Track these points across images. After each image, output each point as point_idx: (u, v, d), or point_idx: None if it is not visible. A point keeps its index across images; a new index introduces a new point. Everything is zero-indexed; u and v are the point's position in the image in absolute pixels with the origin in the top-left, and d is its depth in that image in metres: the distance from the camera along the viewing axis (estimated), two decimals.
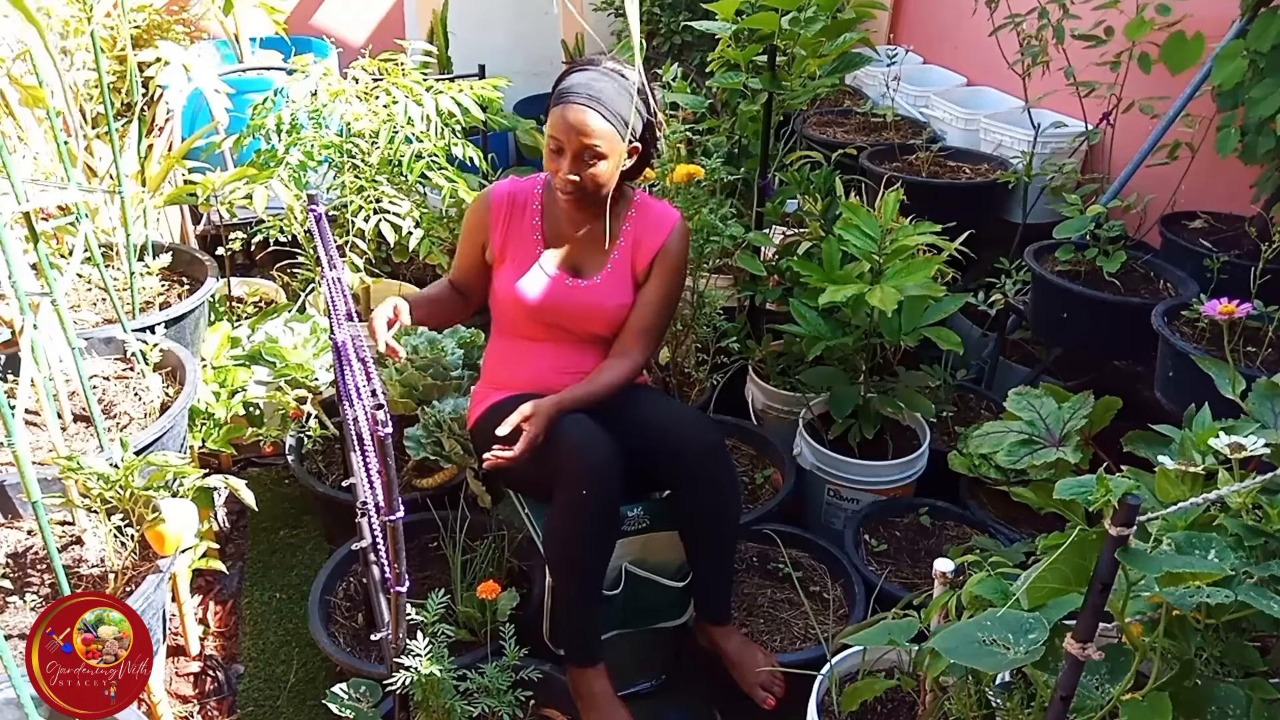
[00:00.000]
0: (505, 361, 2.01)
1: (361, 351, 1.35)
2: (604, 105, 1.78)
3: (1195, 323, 2.14)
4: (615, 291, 1.95)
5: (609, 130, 1.79)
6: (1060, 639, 1.03)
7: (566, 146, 1.80)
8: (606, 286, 1.94)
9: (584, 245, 1.96)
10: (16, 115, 2.42)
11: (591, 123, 1.78)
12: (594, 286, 1.94)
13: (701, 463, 1.84)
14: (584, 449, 1.74)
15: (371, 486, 1.38)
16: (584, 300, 1.93)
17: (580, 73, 1.82)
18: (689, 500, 1.87)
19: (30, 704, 1.38)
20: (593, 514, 1.75)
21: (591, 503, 1.73)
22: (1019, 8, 2.70)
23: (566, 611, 1.85)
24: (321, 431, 2.45)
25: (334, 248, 1.68)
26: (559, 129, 1.80)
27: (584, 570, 1.80)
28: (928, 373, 2.48)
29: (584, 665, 1.82)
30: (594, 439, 1.76)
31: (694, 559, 1.93)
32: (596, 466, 1.73)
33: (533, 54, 4.66)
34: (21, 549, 1.78)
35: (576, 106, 1.78)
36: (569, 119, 1.78)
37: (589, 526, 1.76)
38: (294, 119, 2.59)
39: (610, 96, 1.79)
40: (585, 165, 1.81)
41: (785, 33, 2.37)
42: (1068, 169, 2.75)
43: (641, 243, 1.95)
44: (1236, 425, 1.32)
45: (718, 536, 1.92)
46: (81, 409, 2.02)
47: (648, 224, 1.96)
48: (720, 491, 1.87)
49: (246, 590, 2.37)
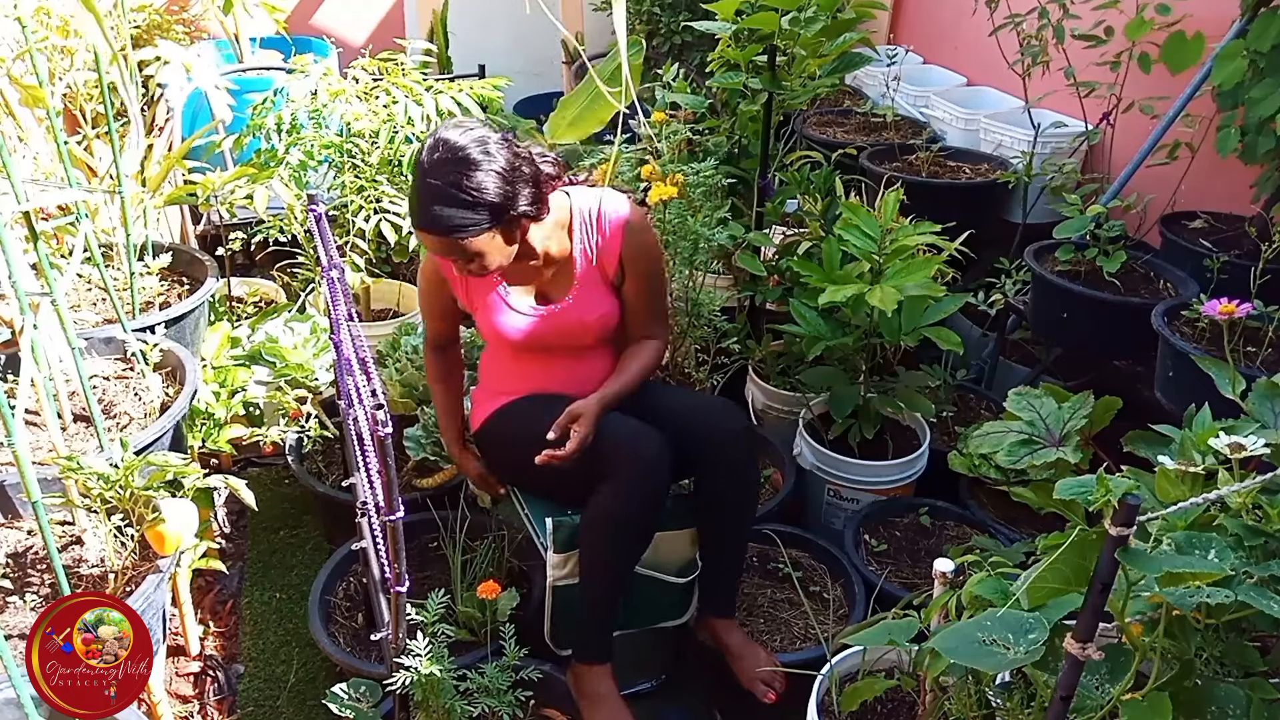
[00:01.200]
0: (507, 374, 2.00)
1: (361, 351, 1.35)
2: (442, 222, 1.64)
3: (1195, 323, 2.14)
4: (592, 305, 1.92)
5: (462, 239, 1.66)
6: (1060, 639, 1.03)
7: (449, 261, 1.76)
8: (581, 303, 1.91)
9: (542, 273, 1.92)
10: (16, 115, 2.43)
11: (438, 244, 1.69)
12: (569, 307, 1.91)
13: (727, 448, 1.85)
14: (635, 444, 1.75)
15: (371, 486, 1.38)
16: (564, 322, 1.91)
17: (416, 187, 1.67)
18: (711, 487, 1.89)
19: (30, 704, 1.38)
20: (644, 508, 1.77)
21: (645, 497, 1.75)
22: (1019, 8, 2.70)
23: (590, 606, 1.85)
24: (321, 431, 2.45)
25: (334, 248, 1.68)
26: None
27: (622, 566, 1.82)
28: (928, 373, 2.48)
29: (592, 663, 1.83)
30: (643, 434, 1.78)
31: (708, 549, 1.94)
32: (650, 460, 1.74)
33: (533, 54, 4.67)
34: (21, 549, 1.78)
35: (420, 233, 1.70)
36: (427, 245, 1.74)
37: (640, 520, 1.78)
38: (294, 119, 2.59)
39: (446, 201, 1.63)
40: (469, 264, 1.73)
41: (785, 33, 2.37)
42: (1068, 169, 2.75)
43: (601, 251, 1.91)
44: (1236, 425, 1.32)
45: (736, 526, 1.93)
46: (81, 409, 2.02)
47: (600, 230, 1.90)
48: (744, 479, 1.89)
49: (246, 590, 2.37)
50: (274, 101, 2.60)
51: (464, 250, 1.68)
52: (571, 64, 4.49)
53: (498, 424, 1.96)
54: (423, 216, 1.66)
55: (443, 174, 1.63)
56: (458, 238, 1.66)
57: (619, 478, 1.74)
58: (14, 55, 2.32)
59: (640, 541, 1.83)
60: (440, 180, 1.63)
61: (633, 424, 1.80)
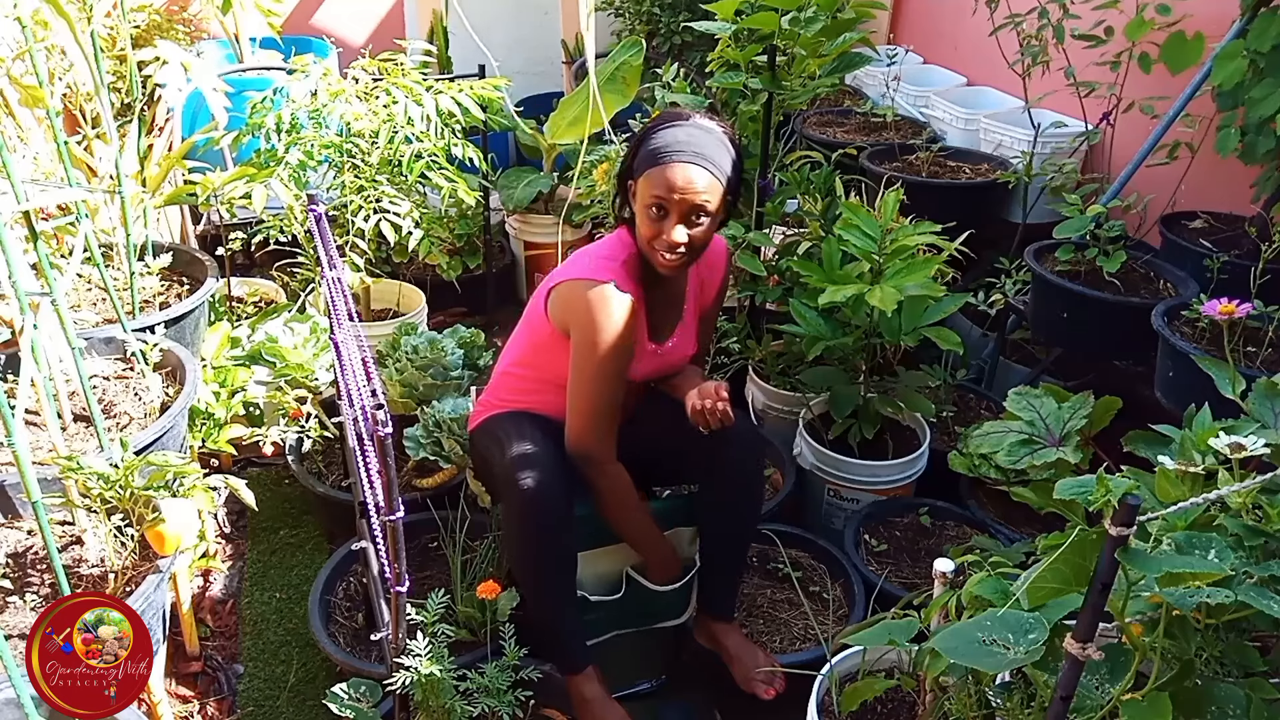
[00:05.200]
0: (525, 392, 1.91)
1: (362, 351, 1.35)
2: (709, 160, 1.68)
3: (1195, 323, 2.14)
4: (690, 341, 1.92)
5: (717, 185, 1.69)
6: (1060, 639, 1.03)
7: (673, 208, 1.68)
8: (682, 341, 1.91)
9: (661, 306, 1.87)
10: (16, 115, 2.42)
11: (700, 181, 1.67)
12: (674, 347, 1.90)
13: (744, 456, 1.84)
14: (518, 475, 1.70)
15: (371, 486, 1.38)
16: (667, 361, 1.90)
17: (673, 129, 1.70)
18: (717, 491, 1.88)
19: (30, 704, 1.38)
20: (538, 532, 1.73)
21: (534, 523, 1.72)
22: (1019, 8, 2.70)
23: (544, 624, 1.83)
24: (321, 431, 2.45)
25: (334, 248, 1.68)
26: (665, 189, 1.67)
27: (548, 585, 1.79)
28: (928, 373, 2.48)
29: (573, 672, 1.82)
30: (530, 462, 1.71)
31: (709, 552, 1.94)
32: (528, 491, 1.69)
33: (533, 54, 4.66)
34: (21, 549, 1.78)
35: (683, 165, 1.66)
36: (678, 178, 1.66)
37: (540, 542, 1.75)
38: (294, 118, 2.59)
39: (712, 149, 1.69)
40: (693, 226, 1.70)
41: (785, 33, 2.37)
42: (1068, 169, 2.75)
43: (705, 284, 1.92)
44: (1236, 425, 1.32)
45: (739, 530, 1.93)
46: (81, 409, 2.02)
47: (706, 265, 1.89)
48: (750, 484, 1.88)
49: (246, 590, 2.36)
50: (273, 101, 2.60)
51: (712, 198, 1.69)
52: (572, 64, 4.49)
53: (493, 427, 1.96)
54: (699, 153, 1.68)
55: (715, 127, 1.72)
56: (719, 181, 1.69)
57: (508, 508, 1.75)
58: (14, 55, 2.32)
59: (557, 559, 1.77)
60: (716, 132, 1.71)
61: (521, 451, 1.73)
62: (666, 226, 1.69)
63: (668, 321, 1.89)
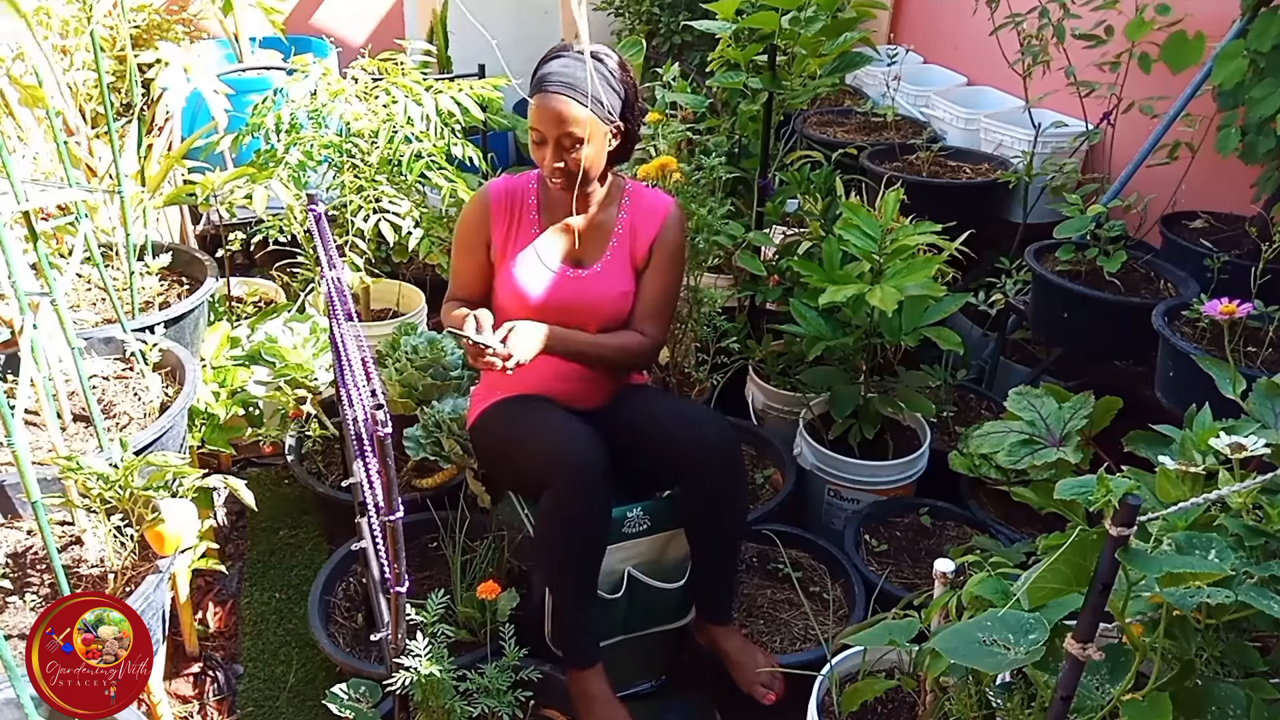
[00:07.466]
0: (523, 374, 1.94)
1: (361, 351, 1.35)
2: (578, 91, 1.77)
3: (1195, 323, 2.14)
4: (616, 279, 1.96)
5: (587, 115, 1.78)
6: (1060, 639, 1.03)
7: (548, 135, 1.80)
8: (608, 275, 1.95)
9: (582, 236, 1.96)
10: (16, 115, 2.42)
11: (569, 110, 1.77)
12: (595, 275, 1.95)
13: (714, 460, 1.84)
14: (569, 452, 1.74)
15: (371, 486, 1.38)
16: (586, 290, 1.94)
17: (554, 60, 1.82)
18: (698, 498, 1.87)
19: (30, 704, 1.38)
20: (580, 516, 1.75)
21: (579, 504, 1.73)
22: (1019, 7, 2.70)
23: (560, 614, 1.84)
24: (321, 431, 2.45)
25: (334, 247, 1.68)
26: (538, 119, 1.80)
27: (577, 573, 1.80)
28: (928, 373, 2.48)
29: (581, 667, 1.82)
30: (578, 439, 1.76)
31: (698, 558, 1.93)
32: (581, 468, 1.72)
33: (533, 54, 4.65)
34: (21, 549, 1.78)
35: (552, 95, 1.78)
36: (547, 108, 1.78)
37: (582, 528, 1.76)
38: (293, 118, 2.59)
39: (584, 81, 1.78)
40: (568, 152, 1.81)
41: (785, 32, 2.37)
42: (1068, 169, 2.75)
43: (638, 230, 1.96)
44: (1237, 425, 1.32)
45: (725, 536, 1.92)
46: (81, 409, 2.02)
47: (642, 211, 1.97)
48: (731, 490, 1.87)
49: (246, 590, 2.36)
50: (273, 101, 2.60)
51: (578, 127, 1.77)
52: None
53: (489, 420, 1.97)
54: (562, 81, 1.77)
55: (603, 67, 1.80)
56: (594, 111, 1.77)
57: (554, 487, 1.74)
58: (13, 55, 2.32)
59: (589, 549, 1.80)
60: (601, 67, 1.80)
61: (570, 429, 1.79)
62: (545, 153, 1.83)
63: (590, 251, 1.96)
